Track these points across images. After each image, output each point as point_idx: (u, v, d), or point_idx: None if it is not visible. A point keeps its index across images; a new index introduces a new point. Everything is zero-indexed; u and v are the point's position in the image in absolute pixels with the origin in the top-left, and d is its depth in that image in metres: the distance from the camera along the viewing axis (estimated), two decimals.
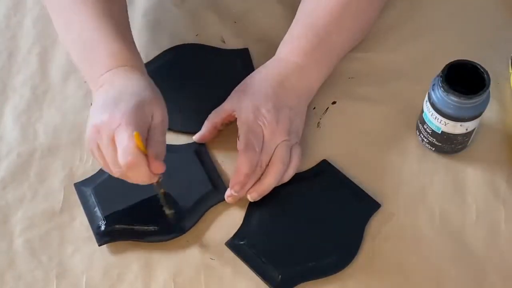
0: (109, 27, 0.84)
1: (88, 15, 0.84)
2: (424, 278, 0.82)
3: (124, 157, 0.74)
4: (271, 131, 0.86)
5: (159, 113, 0.78)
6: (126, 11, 0.90)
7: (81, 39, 0.85)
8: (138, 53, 0.86)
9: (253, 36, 1.01)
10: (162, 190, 0.82)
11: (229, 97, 0.90)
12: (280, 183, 0.86)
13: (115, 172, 0.77)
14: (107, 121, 0.76)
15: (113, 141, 0.75)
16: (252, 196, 0.85)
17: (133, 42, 0.87)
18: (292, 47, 0.92)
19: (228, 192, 0.85)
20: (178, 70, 0.97)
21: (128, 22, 0.89)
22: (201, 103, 0.93)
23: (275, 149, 0.86)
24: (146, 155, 0.75)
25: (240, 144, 0.85)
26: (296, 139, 0.88)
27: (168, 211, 0.84)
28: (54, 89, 0.97)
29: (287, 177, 0.86)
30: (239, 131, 0.86)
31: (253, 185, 0.85)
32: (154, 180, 0.78)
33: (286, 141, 0.86)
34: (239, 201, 0.86)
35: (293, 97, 0.89)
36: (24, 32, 1.02)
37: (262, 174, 0.85)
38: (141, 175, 0.76)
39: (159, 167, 0.76)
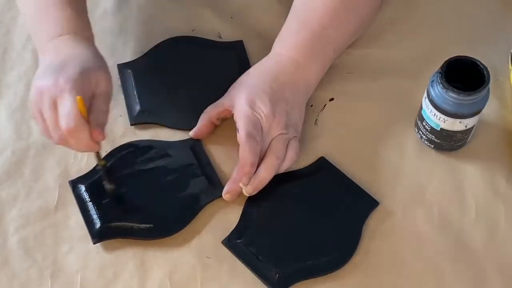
0: None
1: None
2: (423, 276, 0.81)
3: (66, 122, 0.75)
4: (268, 124, 0.85)
5: (104, 82, 0.80)
6: None
7: (33, 4, 0.86)
8: (88, 22, 0.87)
9: (250, 31, 1.00)
10: (102, 162, 0.81)
11: (226, 93, 0.90)
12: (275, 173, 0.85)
13: (55, 137, 0.78)
14: (51, 85, 0.77)
15: (55, 105, 0.77)
16: (248, 190, 0.84)
17: (85, 11, 0.88)
18: (287, 42, 0.92)
19: (225, 189, 0.85)
20: (172, 64, 0.96)
21: None
22: (196, 99, 0.92)
23: (270, 142, 0.85)
24: (88, 122, 0.76)
25: (241, 135, 0.84)
26: (295, 133, 0.87)
27: (108, 186, 0.82)
28: None
29: (281, 169, 0.86)
30: (238, 124, 0.85)
31: None
32: (94, 149, 0.78)
33: (282, 135, 0.86)
34: (236, 199, 0.85)
35: (289, 92, 0.88)
36: (18, 28, 1.02)
37: (257, 168, 0.85)
38: (82, 142, 0.77)
39: (100, 135, 0.77)
